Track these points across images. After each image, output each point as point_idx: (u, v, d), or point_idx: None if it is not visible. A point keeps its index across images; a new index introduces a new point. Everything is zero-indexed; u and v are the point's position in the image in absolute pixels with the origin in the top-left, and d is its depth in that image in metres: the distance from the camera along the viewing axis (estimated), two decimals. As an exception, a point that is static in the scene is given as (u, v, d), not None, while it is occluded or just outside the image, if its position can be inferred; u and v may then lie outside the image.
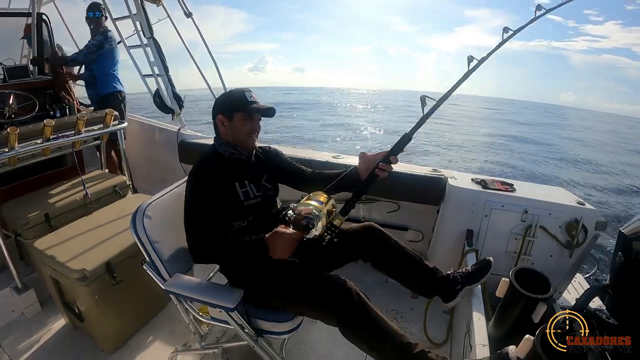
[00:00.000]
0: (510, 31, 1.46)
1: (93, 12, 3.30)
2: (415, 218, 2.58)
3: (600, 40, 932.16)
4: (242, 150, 1.60)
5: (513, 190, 2.17)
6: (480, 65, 1.41)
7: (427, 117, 1.38)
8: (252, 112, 1.54)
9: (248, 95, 1.55)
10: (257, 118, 1.59)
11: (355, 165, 1.57)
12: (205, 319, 1.61)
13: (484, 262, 1.70)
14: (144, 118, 3.93)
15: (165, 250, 1.53)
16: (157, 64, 2.67)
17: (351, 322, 1.35)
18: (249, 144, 1.60)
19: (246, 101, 1.54)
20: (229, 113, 1.56)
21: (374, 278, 2.51)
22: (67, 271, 1.78)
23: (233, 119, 1.55)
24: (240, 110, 1.54)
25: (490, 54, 1.43)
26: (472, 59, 1.39)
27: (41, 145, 2.24)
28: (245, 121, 1.55)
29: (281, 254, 1.32)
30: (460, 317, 1.95)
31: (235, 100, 1.56)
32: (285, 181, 1.79)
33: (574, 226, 2.04)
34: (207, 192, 1.45)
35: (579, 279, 2.28)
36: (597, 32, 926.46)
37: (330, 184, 1.54)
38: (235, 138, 1.58)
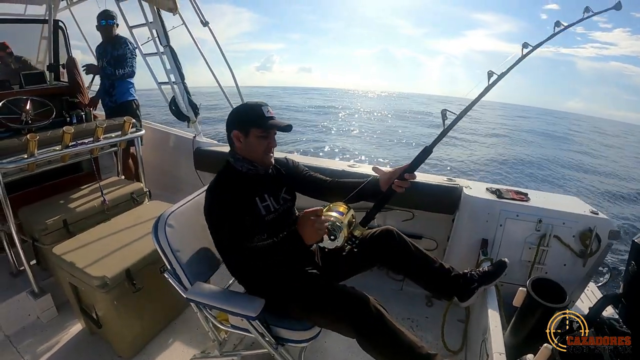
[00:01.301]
0: (530, 47, 1.46)
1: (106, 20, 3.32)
2: (429, 227, 2.59)
3: (609, 47, 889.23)
4: (259, 166, 1.58)
5: (527, 200, 2.18)
6: (500, 80, 1.41)
7: (448, 130, 1.39)
8: (269, 129, 1.51)
9: (265, 110, 1.51)
10: (274, 134, 1.56)
11: (376, 176, 1.56)
12: (225, 327, 1.62)
13: (500, 263, 1.73)
14: (159, 125, 3.96)
15: (186, 258, 1.55)
16: (173, 71, 2.69)
17: (369, 333, 1.36)
18: (265, 161, 1.57)
19: (263, 117, 1.50)
20: (245, 128, 1.52)
21: (389, 286, 2.54)
22: (87, 278, 1.79)
23: (249, 135, 1.51)
24: (257, 126, 1.50)
25: (510, 69, 1.43)
26: (492, 74, 1.39)
27: (60, 152, 2.27)
28: (261, 138, 1.51)
29: (313, 236, 1.27)
30: (475, 325, 1.96)
31: (252, 116, 1.51)
32: (304, 191, 1.79)
33: (587, 235, 2.04)
34: (230, 203, 1.43)
35: (591, 288, 2.29)
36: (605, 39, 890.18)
37: (350, 194, 1.53)
38: (252, 154, 1.55)
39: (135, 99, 3.53)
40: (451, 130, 1.41)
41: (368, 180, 1.56)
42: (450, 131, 1.40)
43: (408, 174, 1.42)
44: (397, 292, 2.52)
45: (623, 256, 5.86)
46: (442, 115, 1.37)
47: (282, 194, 1.70)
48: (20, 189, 2.51)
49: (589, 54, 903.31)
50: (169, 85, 2.77)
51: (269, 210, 1.60)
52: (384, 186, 1.49)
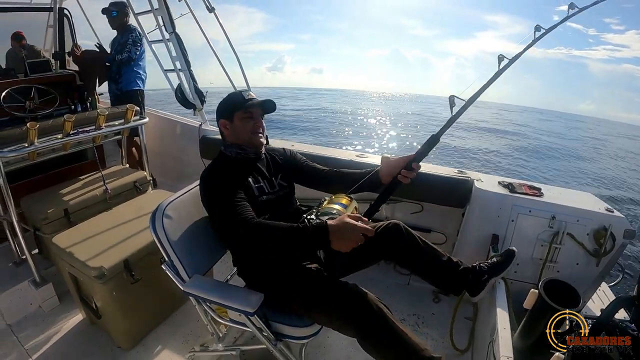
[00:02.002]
0: (542, 29, 1.40)
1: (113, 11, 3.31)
2: (439, 220, 2.52)
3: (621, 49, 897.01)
4: (248, 149, 1.59)
5: (541, 195, 2.10)
6: (511, 64, 1.36)
7: (456, 118, 1.35)
8: (250, 108, 1.55)
9: (245, 94, 1.57)
10: (258, 115, 1.59)
11: (377, 169, 1.53)
12: (224, 321, 1.58)
13: (508, 252, 1.67)
14: (165, 113, 3.93)
15: (185, 250, 1.50)
16: (179, 58, 2.65)
17: (370, 335, 1.30)
18: (253, 141, 1.58)
19: (243, 99, 1.55)
20: (229, 115, 1.58)
21: (395, 280, 2.48)
22: (85, 268, 1.77)
23: (234, 120, 1.57)
24: (238, 109, 1.56)
25: (522, 52, 1.38)
26: (503, 58, 1.34)
27: (61, 140, 2.24)
28: (245, 120, 1.55)
29: (345, 246, 1.20)
30: (483, 323, 1.90)
31: (233, 101, 1.58)
32: (302, 181, 1.76)
33: (602, 234, 1.96)
34: (220, 187, 1.43)
35: (603, 288, 2.22)
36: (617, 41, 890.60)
37: (352, 187, 1.52)
38: (239, 138, 1.58)
39: (141, 89, 3.51)
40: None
41: (370, 173, 1.52)
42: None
43: (415, 163, 1.37)
44: (404, 287, 2.47)
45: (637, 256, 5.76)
46: (449, 102, 1.31)
47: (278, 179, 1.67)
48: (24, 178, 2.50)
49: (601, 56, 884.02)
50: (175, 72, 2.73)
51: (262, 192, 1.57)
52: (385, 179, 1.45)
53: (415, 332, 2.05)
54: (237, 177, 1.50)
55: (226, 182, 1.44)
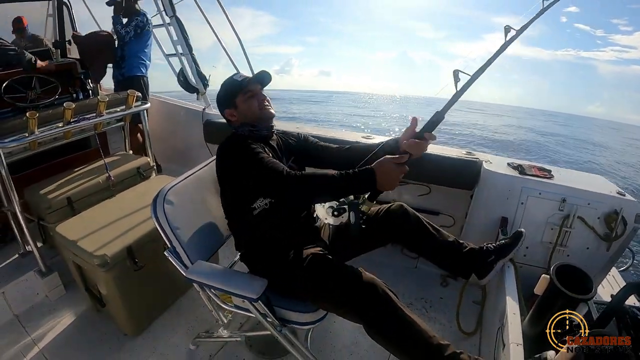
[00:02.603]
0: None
1: None
2: (447, 202, 2.48)
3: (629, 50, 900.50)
4: (260, 126, 1.56)
5: (551, 177, 2.04)
6: (518, 36, 1.29)
7: (462, 93, 1.29)
8: (248, 86, 1.55)
9: (237, 77, 1.57)
10: (259, 90, 1.58)
11: (396, 138, 1.47)
12: (228, 307, 1.56)
13: (516, 234, 1.62)
14: (168, 98, 3.91)
15: (187, 236, 1.49)
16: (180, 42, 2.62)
17: (376, 322, 1.27)
18: (264, 115, 1.57)
19: (238, 82, 1.55)
20: (231, 103, 1.57)
21: (403, 263, 2.47)
22: (88, 256, 1.76)
23: (238, 105, 1.56)
24: (237, 93, 1.55)
25: (531, 21, 1.31)
26: (510, 29, 1.27)
27: (62, 129, 2.23)
28: (249, 99, 1.55)
29: (390, 185, 1.26)
30: (492, 308, 1.87)
31: (229, 89, 1.57)
32: (314, 161, 1.72)
33: (613, 218, 1.92)
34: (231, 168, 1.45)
35: (613, 273, 2.19)
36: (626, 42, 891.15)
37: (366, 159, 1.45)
38: (249, 117, 1.56)
39: (144, 75, 3.47)
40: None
41: (386, 142, 1.49)
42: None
43: (428, 132, 1.33)
44: (412, 270, 2.45)
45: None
46: (454, 76, 1.25)
47: (289, 162, 1.64)
48: (27, 169, 2.49)
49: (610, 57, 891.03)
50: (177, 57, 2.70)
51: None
52: (402, 148, 1.36)
53: (423, 316, 2.04)
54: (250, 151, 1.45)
55: (237, 164, 1.42)
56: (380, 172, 1.24)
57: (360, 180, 1.25)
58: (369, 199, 1.34)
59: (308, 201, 1.54)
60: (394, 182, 1.26)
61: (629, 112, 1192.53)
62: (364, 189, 1.29)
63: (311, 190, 1.31)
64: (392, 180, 1.25)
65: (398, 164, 1.26)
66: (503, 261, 1.59)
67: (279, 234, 1.54)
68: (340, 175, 1.25)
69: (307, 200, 1.50)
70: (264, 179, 1.34)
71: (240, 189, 1.50)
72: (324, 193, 1.32)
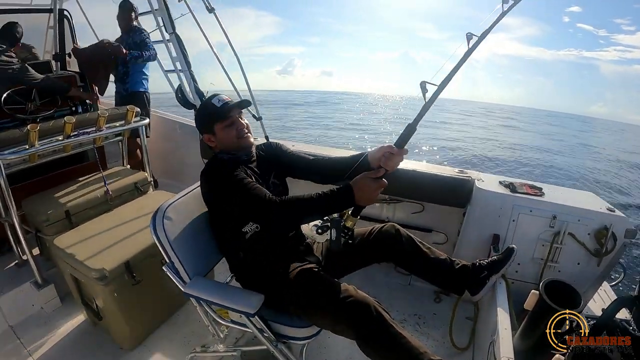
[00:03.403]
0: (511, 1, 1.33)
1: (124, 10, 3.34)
2: (440, 220, 2.52)
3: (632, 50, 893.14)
4: (239, 153, 1.56)
5: (542, 195, 2.10)
6: (481, 41, 1.32)
7: (430, 104, 1.32)
8: (227, 115, 1.51)
9: (216, 101, 1.52)
10: (237, 117, 1.54)
11: (366, 153, 1.50)
12: (225, 322, 1.58)
13: (508, 250, 1.66)
14: (166, 113, 3.96)
15: (186, 252, 1.50)
16: (179, 59, 2.64)
17: (370, 338, 1.30)
18: (242, 144, 1.55)
19: (217, 108, 1.51)
20: (209, 129, 1.55)
21: (396, 280, 2.49)
22: (87, 270, 1.77)
23: (216, 133, 1.54)
24: (216, 120, 1.52)
25: (491, 27, 1.33)
26: (472, 36, 1.30)
27: (61, 142, 2.25)
28: (227, 128, 1.52)
29: (368, 200, 1.33)
30: (484, 323, 1.90)
31: (208, 113, 1.54)
32: (293, 173, 1.74)
33: (603, 233, 1.96)
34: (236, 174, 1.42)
35: (604, 287, 2.22)
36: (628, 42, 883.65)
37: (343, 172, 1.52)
38: (228, 146, 1.55)
39: (147, 91, 3.53)
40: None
41: (360, 159, 1.50)
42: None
43: (398, 148, 1.36)
44: (405, 287, 2.47)
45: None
46: (421, 88, 1.28)
47: (271, 178, 1.66)
48: (26, 180, 2.51)
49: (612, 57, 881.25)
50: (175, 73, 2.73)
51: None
52: (374, 163, 1.42)
53: (416, 332, 2.06)
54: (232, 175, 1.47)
55: (235, 174, 1.42)
56: (357, 188, 1.30)
57: (340, 198, 1.30)
58: (353, 215, 1.38)
59: (293, 225, 1.58)
60: (372, 196, 1.32)
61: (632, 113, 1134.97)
62: (345, 205, 1.34)
63: (294, 214, 1.35)
64: (370, 194, 1.31)
65: (375, 179, 1.31)
66: (495, 277, 1.62)
67: (272, 254, 1.56)
68: (319, 195, 1.30)
69: (292, 225, 1.54)
70: (248, 206, 1.37)
71: (227, 215, 1.52)
72: (307, 215, 1.37)
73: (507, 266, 1.62)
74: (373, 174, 1.33)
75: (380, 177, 1.33)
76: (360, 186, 1.30)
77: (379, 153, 1.40)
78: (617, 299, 1.43)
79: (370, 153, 1.46)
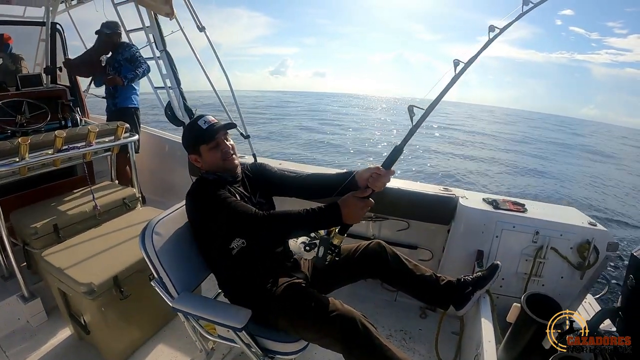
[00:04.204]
0: (497, 29, 1.40)
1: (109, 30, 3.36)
2: (425, 237, 2.56)
3: (624, 53, 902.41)
4: (224, 174, 1.58)
5: (524, 211, 2.15)
6: (467, 68, 1.36)
7: (417, 127, 1.35)
8: (213, 137, 1.53)
9: (202, 123, 1.54)
10: (223, 139, 1.57)
11: (353, 172, 1.52)
12: (212, 337, 1.59)
13: (492, 266, 1.70)
14: (155, 130, 3.96)
15: (174, 267, 1.52)
16: (169, 76, 2.67)
17: (356, 351, 1.33)
18: (227, 167, 1.57)
19: (203, 130, 1.53)
20: (195, 150, 1.57)
21: (382, 296, 2.51)
22: (74, 284, 1.77)
23: (202, 154, 1.56)
24: (201, 142, 1.54)
25: (477, 55, 1.38)
26: (459, 62, 1.35)
27: (52, 156, 2.25)
28: (212, 150, 1.54)
29: (355, 219, 1.35)
30: (469, 338, 1.93)
31: (194, 135, 1.55)
32: (279, 192, 1.77)
33: (585, 247, 2.02)
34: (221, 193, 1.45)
35: (589, 300, 2.25)
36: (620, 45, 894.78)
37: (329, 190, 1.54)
38: (213, 168, 1.57)
39: (137, 106, 3.53)
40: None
41: (346, 174, 1.53)
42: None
43: (385, 169, 1.39)
44: (391, 303, 2.50)
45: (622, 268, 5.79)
46: (409, 112, 1.32)
47: (257, 198, 1.69)
48: (14, 192, 2.50)
49: (604, 60, 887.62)
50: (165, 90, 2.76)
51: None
52: (362, 182, 1.44)
53: (402, 347, 2.08)
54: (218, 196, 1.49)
55: (219, 193, 1.45)
56: (345, 206, 1.33)
57: (327, 215, 1.33)
58: (340, 233, 1.41)
59: (278, 238, 1.60)
60: (358, 215, 1.35)
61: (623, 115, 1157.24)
62: (331, 222, 1.37)
63: (280, 228, 1.37)
64: (357, 213, 1.34)
65: (362, 198, 1.35)
66: (479, 292, 1.66)
67: (260, 269, 1.58)
68: (307, 212, 1.33)
69: (277, 238, 1.56)
70: (234, 223, 1.39)
71: (214, 233, 1.54)
72: (293, 229, 1.40)
73: (491, 282, 1.66)
74: (360, 193, 1.37)
75: (367, 197, 1.37)
76: (348, 205, 1.33)
77: (367, 173, 1.42)
78: (601, 310, 1.47)
79: (358, 173, 1.48)
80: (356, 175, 1.48)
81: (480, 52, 1.38)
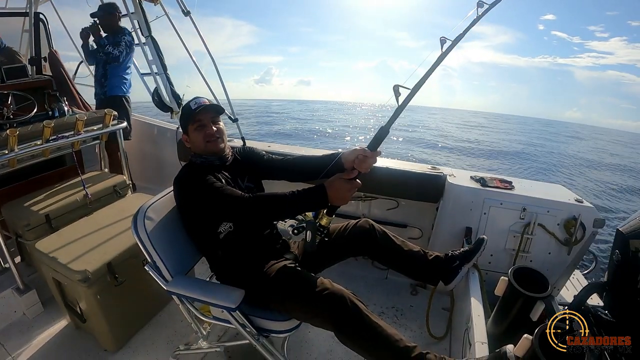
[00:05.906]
0: (486, 5, 1.38)
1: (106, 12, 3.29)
2: (414, 215, 2.60)
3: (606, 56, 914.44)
4: (210, 157, 1.60)
5: (512, 188, 2.19)
6: (454, 46, 1.36)
7: (403, 107, 1.35)
8: (198, 116, 1.56)
9: (193, 104, 1.58)
10: (209, 121, 1.59)
11: (340, 153, 1.54)
12: (207, 319, 1.62)
13: (478, 240, 1.73)
14: (143, 117, 3.94)
15: (167, 251, 1.53)
16: (155, 62, 2.65)
17: (347, 329, 1.35)
18: (209, 149, 1.59)
19: (191, 110, 1.57)
20: (185, 129, 1.63)
21: (373, 275, 2.55)
22: (69, 272, 1.78)
23: (189, 134, 1.61)
24: (189, 122, 1.59)
25: (465, 31, 1.37)
26: (445, 40, 1.34)
27: (41, 146, 2.24)
28: (197, 130, 1.58)
29: (342, 200, 1.37)
30: (459, 313, 1.97)
31: (184, 114, 1.61)
32: (266, 175, 1.79)
33: (572, 223, 2.06)
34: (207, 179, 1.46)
35: (577, 276, 2.30)
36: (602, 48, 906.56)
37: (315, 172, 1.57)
38: (198, 148, 1.60)
39: (126, 95, 3.49)
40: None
41: (334, 160, 1.53)
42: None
43: (370, 151, 1.40)
44: (382, 281, 2.54)
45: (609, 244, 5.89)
46: (394, 91, 1.31)
47: (245, 182, 1.70)
48: (4, 185, 2.49)
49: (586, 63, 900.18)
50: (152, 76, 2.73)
51: None
52: (348, 164, 1.46)
53: (394, 324, 2.13)
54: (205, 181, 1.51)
55: (206, 179, 1.46)
56: (331, 188, 1.35)
57: (313, 197, 1.36)
58: (328, 214, 1.43)
59: (265, 221, 1.63)
60: (345, 196, 1.37)
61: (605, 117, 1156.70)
62: (318, 204, 1.39)
63: (266, 209, 1.40)
64: (344, 195, 1.37)
65: (348, 180, 1.38)
66: (467, 266, 1.69)
67: (249, 251, 1.61)
68: (292, 193, 1.36)
69: (264, 220, 1.59)
70: (220, 207, 1.42)
71: (202, 218, 1.56)
72: (280, 211, 1.42)
73: (478, 255, 1.69)
74: (346, 174, 1.39)
75: (354, 178, 1.39)
76: (334, 187, 1.35)
77: (353, 155, 1.43)
78: (588, 285, 1.50)
79: (344, 154, 1.50)
80: (342, 157, 1.50)
81: (468, 29, 1.38)
